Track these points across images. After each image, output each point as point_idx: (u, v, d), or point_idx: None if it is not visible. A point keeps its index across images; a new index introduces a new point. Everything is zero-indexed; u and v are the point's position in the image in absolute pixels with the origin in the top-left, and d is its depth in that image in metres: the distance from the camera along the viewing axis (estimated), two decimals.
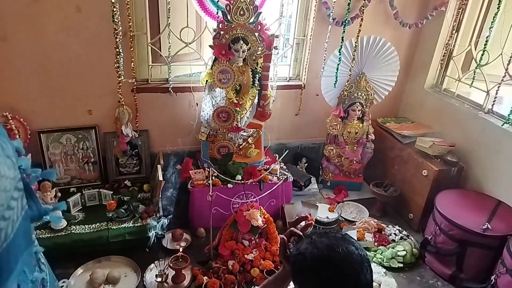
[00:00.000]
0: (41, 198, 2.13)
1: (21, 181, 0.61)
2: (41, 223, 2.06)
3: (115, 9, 2.09)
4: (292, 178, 2.57)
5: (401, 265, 2.22)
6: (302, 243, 1.02)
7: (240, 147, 2.57)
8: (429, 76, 2.87)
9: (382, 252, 2.28)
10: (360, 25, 2.50)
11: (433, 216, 2.28)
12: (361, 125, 2.81)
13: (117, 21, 2.11)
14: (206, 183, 2.31)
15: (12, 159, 0.58)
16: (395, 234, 2.43)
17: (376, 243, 2.34)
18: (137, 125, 2.51)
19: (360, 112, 2.78)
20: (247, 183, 2.35)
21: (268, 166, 2.54)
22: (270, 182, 2.44)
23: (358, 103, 2.74)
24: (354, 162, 2.89)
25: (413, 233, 2.50)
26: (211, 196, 2.11)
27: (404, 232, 2.46)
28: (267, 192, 2.40)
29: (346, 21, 2.52)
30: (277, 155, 2.67)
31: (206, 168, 2.44)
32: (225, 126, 2.42)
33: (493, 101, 2.40)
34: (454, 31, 2.71)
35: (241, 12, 2.19)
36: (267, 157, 2.70)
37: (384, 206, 2.72)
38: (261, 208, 2.21)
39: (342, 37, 2.51)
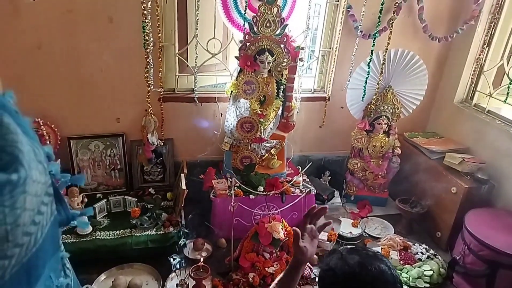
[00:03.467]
0: (68, 203, 2.14)
1: (51, 187, 0.61)
2: (67, 228, 2.09)
3: (146, 21, 2.13)
4: (315, 191, 2.53)
5: (428, 285, 2.13)
6: (331, 258, 0.99)
7: (263, 158, 2.57)
8: (459, 91, 2.80)
9: (408, 271, 2.20)
10: (389, 38, 2.46)
11: (462, 235, 2.20)
12: (387, 139, 2.76)
13: (148, 32, 2.16)
14: (228, 193, 2.31)
15: (43, 164, 0.58)
16: (421, 252, 2.34)
17: (401, 262, 2.26)
18: (162, 133, 2.54)
19: (386, 125, 2.73)
20: (269, 194, 2.34)
21: (290, 178, 2.52)
22: (292, 194, 2.42)
23: (384, 117, 2.70)
24: (379, 176, 2.83)
25: (440, 252, 2.42)
26: (233, 206, 2.11)
27: (431, 251, 2.37)
28: (289, 205, 2.37)
29: (376, 34, 2.49)
30: (300, 167, 2.66)
31: (229, 178, 2.44)
32: (248, 137, 2.42)
33: None
34: (485, 46, 2.64)
35: (268, 24, 2.21)
36: (290, 169, 2.68)
37: (410, 223, 2.64)
38: (283, 220, 2.18)
39: (372, 50, 2.48)
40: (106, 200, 2.33)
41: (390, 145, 2.77)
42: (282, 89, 2.41)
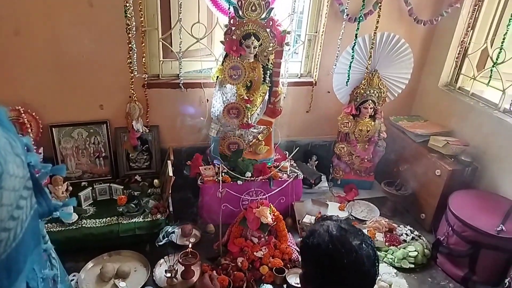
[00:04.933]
0: (52, 192, 2.14)
1: (30, 180, 0.59)
2: (52, 217, 2.05)
3: (127, 4, 2.08)
4: (302, 176, 2.55)
5: (412, 266, 2.18)
6: (317, 228, 1.10)
7: (250, 144, 2.57)
8: (443, 74, 2.82)
9: (393, 253, 2.24)
10: (378, 21, 2.45)
11: (446, 217, 2.24)
12: (373, 123, 2.77)
13: (130, 16, 2.11)
14: (216, 180, 2.31)
15: (21, 157, 0.56)
16: (406, 234, 2.38)
17: (387, 243, 2.30)
18: (147, 120, 2.52)
19: (372, 110, 2.74)
20: (257, 180, 2.35)
21: (278, 164, 2.52)
22: (280, 179, 2.43)
23: (371, 101, 2.70)
24: (365, 160, 2.86)
25: (425, 233, 2.46)
26: (221, 192, 2.10)
27: (416, 233, 2.41)
28: (277, 190, 2.38)
29: (360, 17, 2.47)
30: (287, 152, 2.66)
31: (216, 165, 2.43)
32: (235, 123, 2.41)
33: (511, 101, 2.34)
34: (469, 29, 2.65)
35: (253, 8, 2.17)
36: (277, 154, 2.68)
37: (395, 206, 2.68)
38: (271, 205, 2.19)
39: (356, 34, 2.47)
40: (91, 188, 2.31)
41: (376, 129, 2.79)
42: (268, 74, 2.39)
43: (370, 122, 2.78)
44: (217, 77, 2.35)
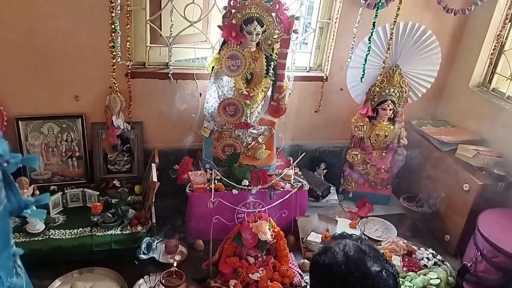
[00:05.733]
0: None
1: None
2: (15, 225, 2.07)
3: None
4: (308, 186, 2.56)
5: None
6: (331, 248, 1.11)
7: (249, 147, 2.58)
8: (476, 73, 2.83)
9: (411, 280, 2.22)
10: (398, 8, 2.46)
11: (474, 239, 2.24)
12: (392, 127, 2.80)
13: None
14: (208, 188, 2.31)
15: None
16: (427, 258, 2.37)
17: (404, 268, 2.29)
18: (130, 115, 2.52)
19: (391, 111, 2.76)
20: (255, 189, 2.35)
21: (280, 171, 2.54)
22: (282, 189, 2.44)
23: (390, 101, 2.72)
24: (382, 170, 2.87)
25: (449, 258, 2.46)
26: (213, 202, 2.11)
27: (439, 257, 2.40)
28: (279, 202, 2.37)
29: (380, 3, 2.49)
30: (291, 158, 2.69)
31: (208, 170, 2.44)
32: (232, 121, 2.43)
33: None
34: (507, 21, 2.67)
35: None
36: (280, 160, 2.71)
37: (415, 225, 2.69)
38: (271, 220, 2.18)
39: (374, 23, 2.47)
40: (61, 193, 2.30)
41: (395, 135, 2.80)
42: (272, 66, 2.40)
43: (389, 126, 2.79)
44: (213, 67, 2.36)
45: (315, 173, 2.94)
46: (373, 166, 2.87)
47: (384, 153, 2.85)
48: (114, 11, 2.16)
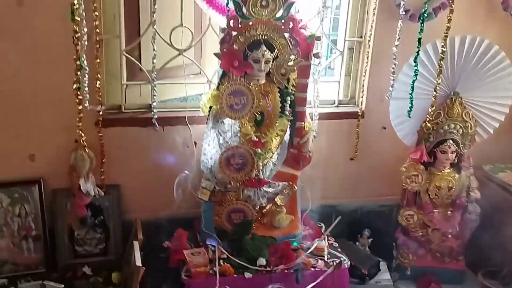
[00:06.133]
0: None
1: None
2: None
3: (76, 2, 2.08)
4: (349, 263, 2.51)
5: None
6: None
7: (264, 211, 2.55)
8: None
9: None
10: (449, 20, 2.43)
11: None
12: (457, 175, 2.75)
13: (78, 19, 2.11)
14: (211, 271, 2.28)
15: None
16: None
17: None
18: (102, 177, 2.51)
19: (454, 154, 2.70)
20: (275, 271, 2.32)
21: (309, 243, 2.51)
22: (313, 269, 2.39)
23: (451, 141, 2.66)
24: (449, 236, 2.78)
25: None
26: None
27: None
28: (310, 287, 2.31)
29: (426, 14, 2.48)
30: (322, 224, 2.67)
31: (210, 247, 2.41)
32: (239, 178, 2.38)
33: None
34: None
35: (263, 3, 2.19)
36: (307, 228, 2.67)
37: None
38: None
39: (419, 39, 2.46)
40: None
41: (462, 186, 2.75)
42: (289, 102, 2.39)
43: (453, 175, 2.74)
44: (210, 108, 2.35)
45: (357, 243, 2.92)
46: (436, 231, 2.79)
47: (449, 212, 2.80)
48: (79, 42, 2.15)
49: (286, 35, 2.26)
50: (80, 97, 2.23)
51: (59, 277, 2.43)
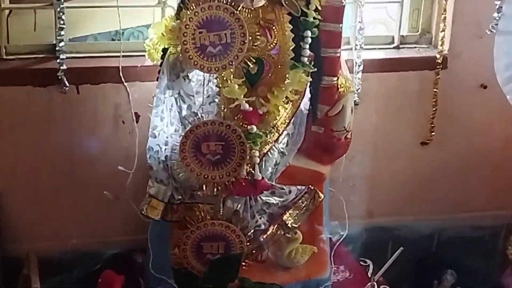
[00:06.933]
0: None
1: None
2: None
3: None
4: None
5: None
6: None
7: (263, 238, 2.47)
8: None
9: None
10: None
11: None
12: None
13: None
14: None
15: None
16: None
17: None
18: None
19: None
20: None
21: None
22: None
23: None
24: None
25: None
26: None
27: None
28: None
29: None
30: (369, 262, 2.73)
31: None
32: (217, 179, 2.31)
33: None
34: None
35: None
36: (341, 268, 2.75)
37: None
38: None
39: None
40: None
41: None
42: (309, 41, 2.30)
43: None
44: (164, 52, 2.30)
45: None
46: None
47: None
48: None
49: None
50: None
51: None
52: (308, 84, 2.36)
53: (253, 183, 2.34)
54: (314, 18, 2.28)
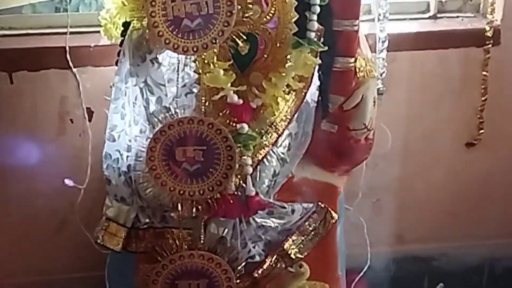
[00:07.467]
0: None
1: None
2: None
3: None
4: None
5: None
6: None
7: (258, 274, 2.54)
8: None
9: None
10: None
11: None
12: None
13: None
14: None
15: None
16: None
17: None
18: None
19: None
20: None
21: None
22: None
23: None
24: None
25: None
26: None
27: None
28: None
29: None
30: None
31: None
32: (196, 197, 2.35)
33: None
34: None
35: None
36: None
37: None
38: None
39: None
40: None
41: None
42: (317, 12, 2.34)
43: None
44: (125, 27, 2.34)
45: None
46: None
47: None
48: None
49: None
50: None
51: None
52: (317, 68, 2.40)
53: (244, 200, 2.38)
54: None
